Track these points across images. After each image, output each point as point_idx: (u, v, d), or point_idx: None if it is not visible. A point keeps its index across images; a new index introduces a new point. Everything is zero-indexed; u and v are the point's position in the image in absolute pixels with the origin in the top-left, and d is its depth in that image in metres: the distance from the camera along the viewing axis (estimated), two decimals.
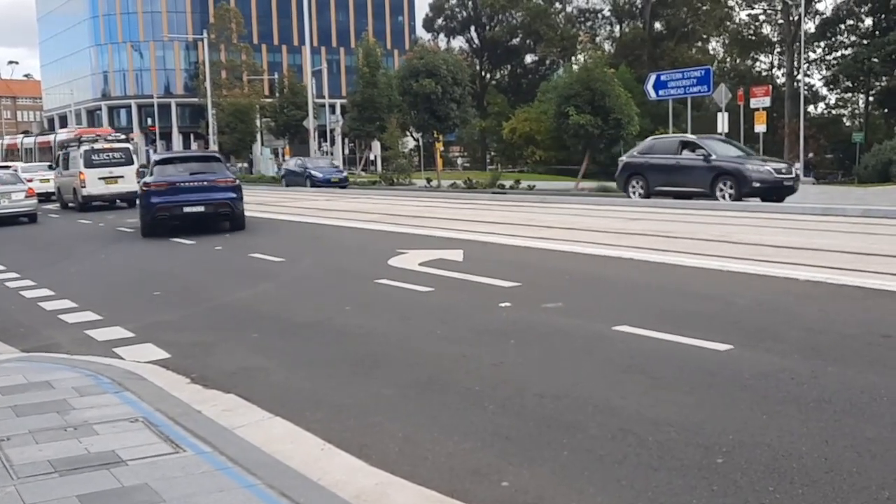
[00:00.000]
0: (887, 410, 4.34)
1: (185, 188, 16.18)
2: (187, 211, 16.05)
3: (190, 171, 16.79)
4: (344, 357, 6.08)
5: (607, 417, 4.45)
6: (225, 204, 16.43)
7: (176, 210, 15.99)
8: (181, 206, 16.01)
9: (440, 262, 10.56)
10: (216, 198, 16.31)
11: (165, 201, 15.98)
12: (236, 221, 16.69)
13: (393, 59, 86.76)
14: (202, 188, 16.29)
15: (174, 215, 16.05)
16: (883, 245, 11.41)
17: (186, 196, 16.09)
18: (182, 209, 16.01)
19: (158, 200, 15.97)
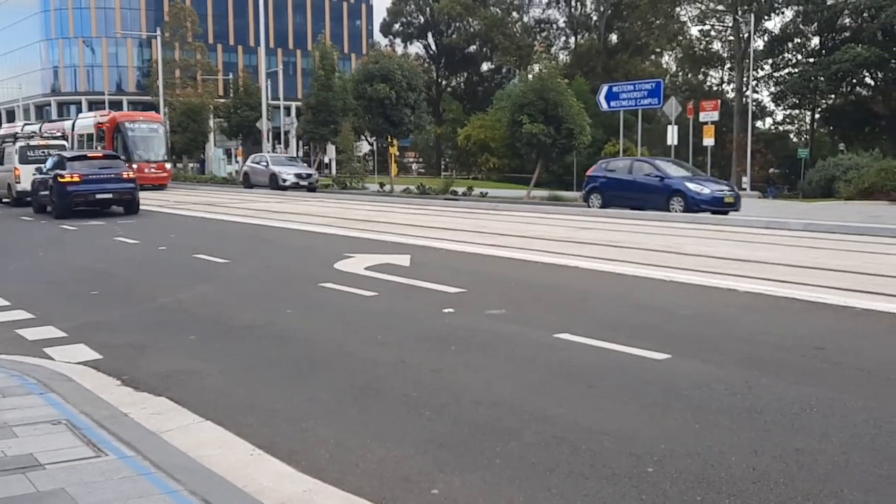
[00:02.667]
0: (817, 422, 4.39)
1: (96, 180, 20.30)
2: (99, 197, 20.33)
3: (97, 167, 20.79)
4: (281, 361, 5.98)
5: (543, 425, 4.43)
6: (127, 192, 20.95)
7: (90, 196, 20.18)
8: (94, 193, 20.21)
9: (387, 267, 10.49)
10: (120, 187, 20.76)
11: (80, 190, 19.97)
12: (133, 206, 21.08)
13: (350, 62, 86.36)
14: (109, 180, 20.63)
15: (88, 201, 20.21)
16: (822, 259, 11.65)
17: (98, 186, 20.24)
18: (95, 196, 20.24)
19: (74, 189, 19.88)
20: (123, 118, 37.79)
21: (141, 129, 36.50)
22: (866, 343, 6.24)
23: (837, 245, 13.71)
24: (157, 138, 37.00)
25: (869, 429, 4.27)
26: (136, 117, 38.53)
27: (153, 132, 36.91)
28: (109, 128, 36.66)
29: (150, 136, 36.57)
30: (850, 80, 51.07)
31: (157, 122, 38.52)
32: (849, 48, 46.91)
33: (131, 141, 35.66)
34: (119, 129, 36.13)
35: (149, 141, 36.34)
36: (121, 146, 35.35)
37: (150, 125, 37.41)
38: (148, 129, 36.82)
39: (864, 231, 15.98)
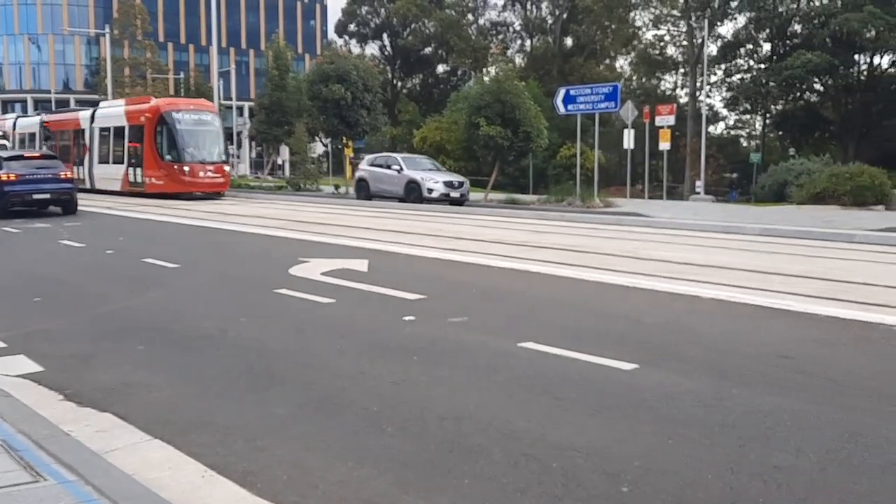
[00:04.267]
0: (792, 436, 4.27)
1: (33, 180, 19.91)
2: (36, 197, 19.90)
3: (34, 166, 20.30)
4: (235, 373, 5.71)
5: (511, 441, 4.25)
6: (66, 192, 20.59)
7: (27, 196, 19.76)
8: (31, 193, 19.80)
9: (344, 273, 10.24)
10: (58, 188, 20.34)
11: (17, 190, 19.61)
12: (71, 206, 20.70)
13: (304, 62, 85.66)
14: (47, 180, 20.21)
15: (25, 201, 19.77)
16: (782, 264, 11.68)
17: (35, 186, 19.82)
18: (32, 196, 19.82)
19: (11, 189, 19.53)
20: (169, 106, 29.04)
21: (191, 119, 28.71)
22: (833, 352, 6.18)
23: (795, 250, 13.80)
24: (213, 132, 29.48)
25: (844, 443, 4.17)
26: (184, 105, 29.97)
27: (207, 124, 29.23)
28: (150, 119, 28.44)
29: (204, 130, 29.02)
30: (801, 85, 51.91)
31: (211, 112, 30.33)
32: (799, 54, 47.70)
33: (180, 136, 28.08)
34: (163, 121, 28.15)
35: (202, 135, 28.92)
36: (165, 143, 28.24)
37: (203, 115, 29.40)
38: (200, 119, 29.09)
39: (820, 236, 16.13)
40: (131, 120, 29.64)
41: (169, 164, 28.04)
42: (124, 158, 29.72)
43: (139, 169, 28.79)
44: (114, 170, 30.35)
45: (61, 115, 37.31)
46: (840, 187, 26.52)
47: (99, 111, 32.99)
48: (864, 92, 51.70)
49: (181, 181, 27.82)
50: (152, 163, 28.33)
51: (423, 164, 27.91)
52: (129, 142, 29.56)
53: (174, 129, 28.15)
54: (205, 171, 28.36)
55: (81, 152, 32.64)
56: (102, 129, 31.67)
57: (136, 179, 28.99)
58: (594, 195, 26.96)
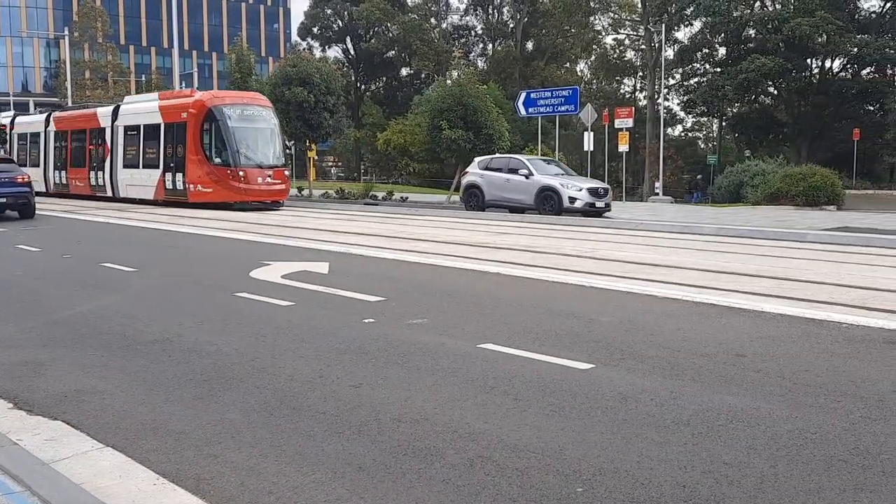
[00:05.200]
0: (743, 433, 4.34)
1: None
2: None
3: None
4: (191, 378, 5.64)
5: (467, 443, 4.25)
6: (23, 196, 20.24)
7: None
8: None
9: (304, 275, 10.18)
10: (15, 192, 19.93)
11: None
12: (28, 210, 20.38)
13: (267, 65, 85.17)
14: (3, 184, 19.70)
15: None
16: (735, 263, 11.86)
17: None
18: None
19: None
20: (217, 100, 24.88)
21: (245, 115, 24.68)
22: (784, 349, 6.28)
23: (749, 249, 14.02)
24: (270, 130, 25.36)
25: (794, 439, 4.24)
26: (234, 98, 25.75)
27: (263, 120, 25.20)
28: (194, 115, 24.39)
29: (260, 128, 25.04)
30: (755, 89, 52.82)
31: (265, 106, 25.97)
32: (754, 58, 48.52)
33: (233, 134, 24.00)
34: (212, 117, 24.13)
35: (258, 134, 24.94)
36: (214, 143, 24.20)
37: (257, 109, 25.24)
38: (255, 115, 25.05)
39: (773, 235, 16.41)
40: (169, 116, 25.51)
41: (219, 168, 24.01)
42: (159, 162, 25.70)
43: (180, 174, 24.85)
44: (144, 175, 26.44)
45: (74, 112, 33.05)
46: (793, 188, 27.05)
47: (125, 107, 28.73)
48: (816, 95, 52.74)
49: (235, 189, 23.89)
50: (198, 167, 24.35)
51: (551, 168, 23.66)
52: (165, 143, 25.56)
53: (225, 126, 24.01)
54: (263, 176, 24.30)
55: (100, 155, 28.96)
56: (129, 127, 27.37)
57: (177, 186, 25.01)
58: None
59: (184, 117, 24.73)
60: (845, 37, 47.90)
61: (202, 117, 24.30)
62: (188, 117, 24.58)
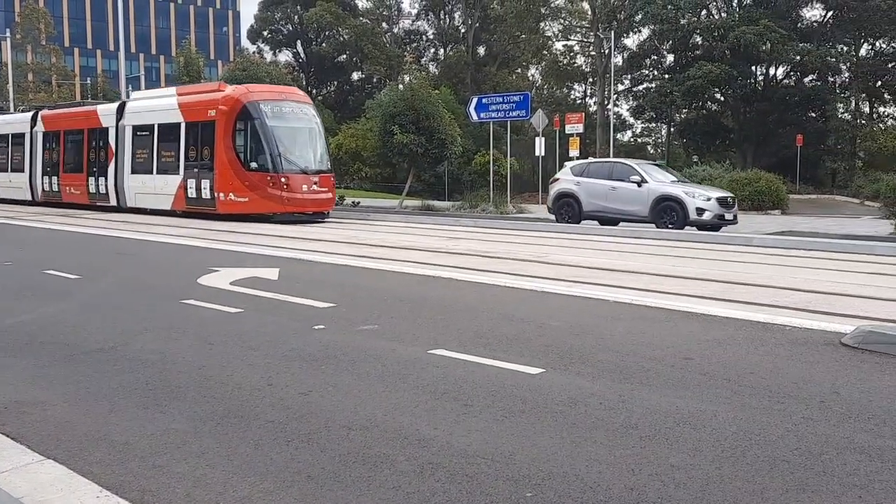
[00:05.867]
0: (689, 436, 4.40)
1: None
2: None
3: None
4: (136, 387, 5.53)
5: (417, 450, 4.24)
6: None
7: None
8: None
9: (254, 281, 10.07)
10: None
11: None
12: None
13: (216, 69, 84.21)
14: None
15: None
16: (683, 266, 12.05)
17: None
18: None
19: None
20: (254, 95, 21.52)
21: (286, 113, 21.57)
22: (730, 352, 6.39)
23: (697, 253, 14.26)
24: (314, 130, 22.30)
25: (739, 441, 4.31)
26: (272, 93, 22.38)
27: (305, 118, 22.10)
28: (226, 113, 21.23)
29: (304, 128, 21.98)
30: (702, 95, 53.85)
31: (307, 103, 23.03)
32: (701, 66, 49.47)
33: (274, 135, 20.88)
34: (247, 115, 21.02)
35: (301, 135, 21.85)
36: (250, 145, 21.21)
37: (299, 107, 22.19)
38: (296, 112, 21.92)
39: (720, 239, 16.71)
40: (192, 114, 22.39)
41: (257, 174, 20.98)
42: (179, 167, 22.68)
43: (206, 181, 21.78)
44: (160, 183, 23.37)
45: (68, 111, 29.33)
46: (739, 193, 27.58)
47: (133, 104, 25.41)
48: (761, 101, 53.97)
49: (276, 198, 20.86)
50: (230, 173, 21.29)
51: (664, 174, 21.10)
52: (187, 145, 22.45)
53: (264, 125, 20.91)
54: (308, 183, 21.11)
55: (101, 159, 25.74)
56: (139, 127, 24.23)
57: (202, 195, 21.95)
58: (507, 201, 27.29)
59: (211, 115, 21.59)
60: (788, 45, 49.11)
61: (235, 115, 21.23)
62: (217, 115, 21.43)
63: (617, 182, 20.08)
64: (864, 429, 4.53)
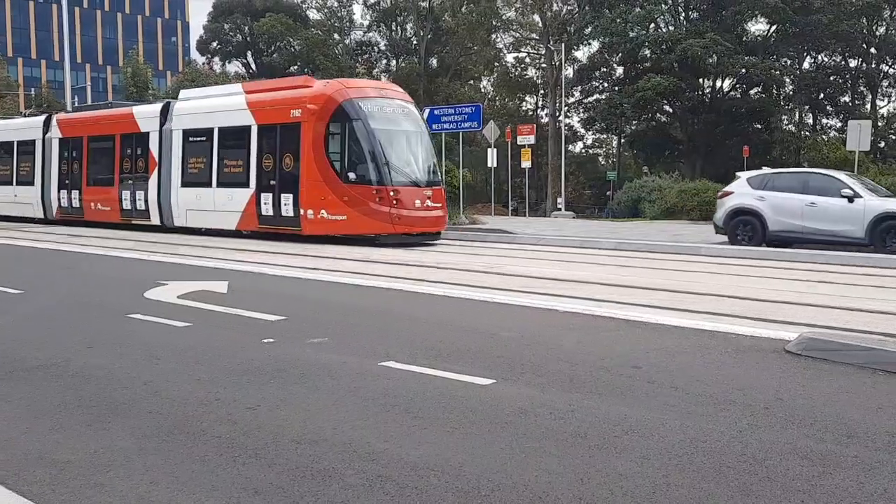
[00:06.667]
0: (637, 444, 4.44)
1: None
2: None
3: None
4: (79, 404, 5.40)
5: (366, 463, 4.21)
6: None
7: None
8: None
9: (202, 295, 9.92)
10: None
11: None
12: None
13: (166, 80, 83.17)
14: None
15: None
16: (632, 276, 12.20)
17: None
18: None
19: None
20: (353, 92, 18.24)
21: (390, 114, 18.30)
22: (677, 360, 6.47)
23: (646, 263, 14.45)
24: (420, 134, 19.10)
25: (685, 448, 4.36)
26: (373, 89, 19.38)
27: (412, 121, 18.96)
28: (316, 113, 17.95)
29: (411, 131, 18.75)
30: (652, 107, 54.74)
31: (409, 101, 19.70)
32: (650, 78, 50.29)
33: (378, 141, 17.57)
34: (344, 116, 17.75)
35: (409, 140, 18.64)
36: (349, 151, 17.90)
37: (402, 106, 18.96)
38: (402, 114, 18.69)
39: (669, 249, 16.96)
40: (266, 115, 19.07)
41: (358, 187, 17.54)
42: (249, 179, 19.29)
43: (288, 196, 18.44)
44: (222, 197, 19.99)
45: (93, 114, 25.50)
46: (688, 203, 28.10)
47: (183, 104, 21.69)
48: (708, 113, 55.04)
49: (383, 216, 17.42)
50: (322, 186, 17.84)
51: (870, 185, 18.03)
52: (261, 152, 19.04)
53: (367, 128, 17.55)
54: (422, 198, 17.86)
55: (138, 169, 22.39)
56: (192, 132, 20.87)
57: (281, 212, 18.62)
58: (460, 212, 27.37)
59: (295, 117, 18.29)
60: (734, 58, 50.17)
61: (329, 116, 17.91)
62: (304, 116, 18.12)
63: (817, 196, 16.67)
64: (806, 434, 4.62)
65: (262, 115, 19.15)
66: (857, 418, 4.93)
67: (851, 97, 57.96)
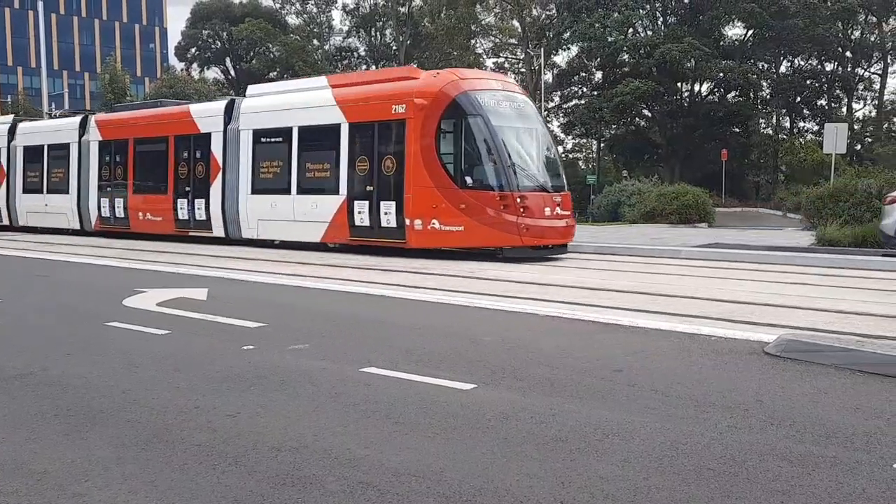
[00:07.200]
0: (617, 447, 4.45)
1: None
2: None
3: None
4: (56, 413, 5.34)
5: (347, 470, 4.19)
6: None
7: None
8: None
9: (181, 302, 9.86)
10: None
11: None
12: None
13: (143, 86, 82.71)
14: None
15: None
16: (612, 280, 12.24)
17: None
18: None
19: None
20: (468, 83, 16.21)
21: (511, 108, 16.31)
22: (657, 363, 6.50)
23: (626, 266, 14.51)
24: (544, 133, 17.32)
25: (666, 451, 4.38)
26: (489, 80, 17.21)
27: (532, 118, 16.90)
28: (426, 109, 15.82)
29: (533, 129, 16.81)
30: (631, 111, 55.11)
31: (523, 94, 17.58)
32: (628, 82, 50.66)
33: (499, 138, 15.52)
34: (462, 112, 15.67)
35: (532, 139, 16.75)
36: (466, 152, 15.82)
37: (519, 100, 16.85)
38: (521, 109, 16.67)
39: (649, 252, 17.04)
40: (362, 112, 16.97)
41: (480, 193, 15.51)
42: (339, 184, 17.24)
43: (389, 204, 16.38)
44: (304, 205, 17.93)
45: (139, 113, 23.22)
46: (668, 206, 28.25)
47: (252, 101, 19.59)
48: (687, 117, 55.45)
49: (509, 226, 15.34)
50: (433, 192, 15.73)
51: None
52: (353, 153, 16.99)
53: (488, 126, 15.50)
54: (551, 205, 15.90)
55: (197, 175, 20.30)
56: (264, 132, 18.84)
57: (381, 223, 16.54)
58: None
59: (398, 113, 16.27)
60: (711, 62, 50.60)
61: (441, 112, 15.80)
62: (410, 112, 16.03)
63: None
64: (785, 435, 4.65)
65: (355, 112, 17.07)
66: (835, 419, 4.97)
67: (828, 100, 58.63)
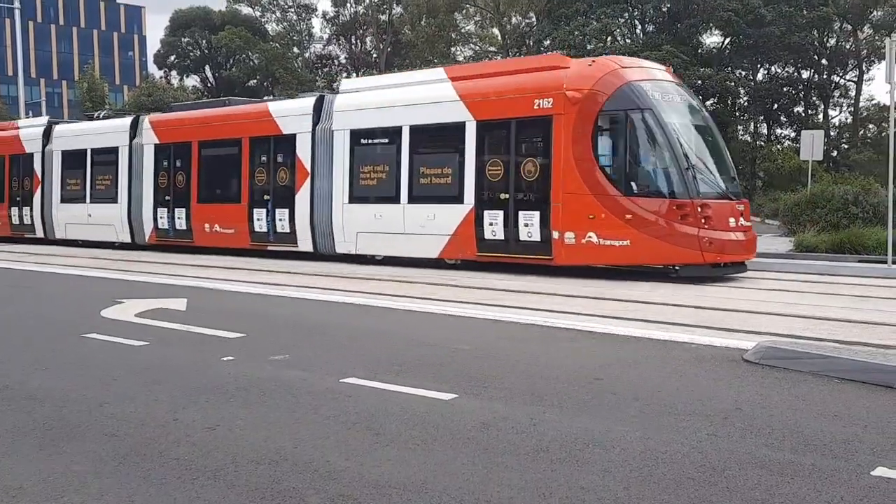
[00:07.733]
0: (598, 457, 4.45)
1: None
2: None
3: None
4: (32, 428, 5.28)
5: (327, 482, 4.16)
6: None
7: None
8: None
9: (160, 313, 9.79)
10: None
11: None
12: None
13: (122, 94, 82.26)
14: None
15: None
16: (592, 288, 12.27)
17: None
18: None
19: None
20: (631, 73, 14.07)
21: (682, 102, 14.44)
22: (637, 371, 6.52)
23: (596, 272, 14.52)
24: (714, 129, 15.16)
25: (646, 460, 4.39)
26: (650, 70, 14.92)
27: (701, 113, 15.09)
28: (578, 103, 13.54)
29: (707, 127, 14.78)
30: None
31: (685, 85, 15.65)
32: None
33: (674, 137, 13.41)
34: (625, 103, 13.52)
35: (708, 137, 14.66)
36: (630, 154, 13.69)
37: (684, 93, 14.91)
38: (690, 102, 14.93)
39: None
40: (494, 108, 14.79)
41: (650, 200, 13.29)
42: (463, 192, 15.03)
43: (532, 215, 14.22)
44: (417, 216, 15.74)
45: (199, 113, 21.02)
46: None
47: (347, 98, 17.31)
48: None
49: (689, 240, 13.05)
50: (587, 200, 13.52)
51: None
52: (481, 157, 14.79)
53: (660, 123, 13.37)
54: (735, 215, 13.61)
55: (276, 183, 18.27)
56: (362, 132, 16.69)
57: (521, 236, 14.40)
58: None
59: (542, 108, 13.96)
60: (690, 70, 50.90)
61: (599, 106, 13.57)
62: (559, 107, 13.79)
63: None
64: (764, 443, 4.67)
65: (484, 108, 14.83)
66: (813, 426, 5.01)
67: (805, 107, 59.19)
